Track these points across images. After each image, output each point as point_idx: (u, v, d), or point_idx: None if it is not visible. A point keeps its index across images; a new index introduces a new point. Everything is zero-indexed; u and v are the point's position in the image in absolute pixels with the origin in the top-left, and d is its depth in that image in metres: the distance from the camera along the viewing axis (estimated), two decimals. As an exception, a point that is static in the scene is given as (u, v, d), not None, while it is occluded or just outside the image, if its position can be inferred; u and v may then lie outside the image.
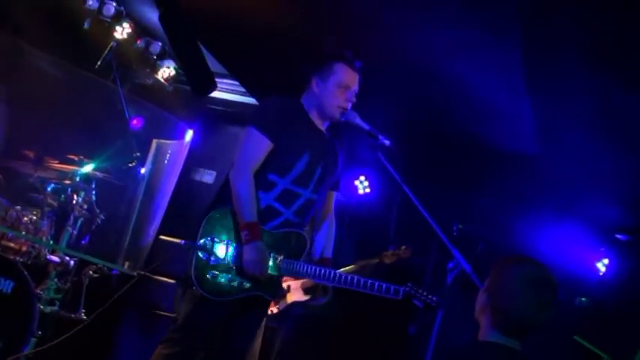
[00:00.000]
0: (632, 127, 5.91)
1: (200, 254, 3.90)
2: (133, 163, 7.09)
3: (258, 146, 4.02)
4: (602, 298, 6.99)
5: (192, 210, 7.64)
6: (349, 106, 4.18)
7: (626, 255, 7.03)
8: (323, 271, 3.99)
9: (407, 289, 3.78)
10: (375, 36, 6.04)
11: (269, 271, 4.00)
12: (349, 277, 3.88)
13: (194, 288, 3.89)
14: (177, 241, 7.17)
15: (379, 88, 6.43)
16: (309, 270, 4.02)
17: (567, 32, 5.16)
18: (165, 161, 8.50)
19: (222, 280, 3.91)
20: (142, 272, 6.97)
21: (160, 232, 7.79)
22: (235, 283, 3.93)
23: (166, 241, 7.24)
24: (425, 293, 3.78)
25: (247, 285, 3.97)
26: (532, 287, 2.76)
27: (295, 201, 4.11)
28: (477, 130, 6.83)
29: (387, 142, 4.04)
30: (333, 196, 4.52)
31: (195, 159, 8.47)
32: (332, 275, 3.96)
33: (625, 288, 6.92)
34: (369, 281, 3.84)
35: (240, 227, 3.93)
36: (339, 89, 4.15)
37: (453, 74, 6.06)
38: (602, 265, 7.12)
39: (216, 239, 3.95)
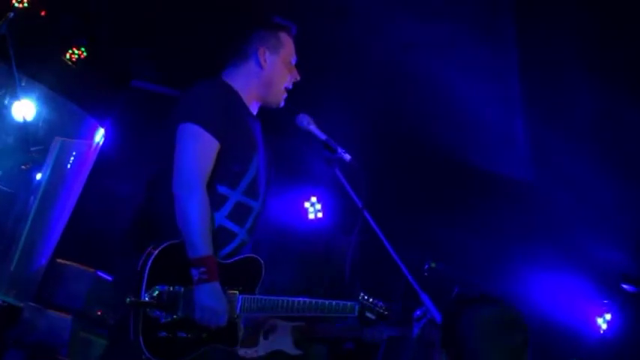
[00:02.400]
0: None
1: (150, 312, 3.59)
2: (27, 166, 6.99)
3: (208, 150, 3.73)
4: (601, 360, 7.12)
5: (100, 228, 7.56)
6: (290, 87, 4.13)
7: (632, 309, 7.17)
8: (288, 302, 3.82)
9: (362, 301, 3.81)
10: (340, 25, 6.10)
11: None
12: (309, 302, 3.82)
13: (144, 357, 3.68)
14: (79, 266, 7.08)
15: (341, 90, 6.47)
16: (269, 303, 3.82)
17: (567, 38, 5.29)
18: (69, 165, 8.35)
19: (178, 338, 3.65)
20: (32, 304, 6.86)
21: (58, 254, 7.62)
22: (191, 337, 3.68)
23: (65, 265, 7.07)
24: (374, 301, 3.82)
25: (204, 335, 3.71)
26: (501, 333, 2.76)
27: (249, 216, 3.88)
28: (459, 148, 6.90)
29: (347, 157, 3.92)
30: None
31: (106, 163, 8.31)
32: (296, 304, 3.88)
33: (628, 350, 7.06)
34: (327, 302, 3.80)
35: (192, 262, 3.61)
36: (287, 67, 4.04)
37: (434, 78, 6.11)
38: (603, 322, 7.22)
39: (167, 287, 3.63)
